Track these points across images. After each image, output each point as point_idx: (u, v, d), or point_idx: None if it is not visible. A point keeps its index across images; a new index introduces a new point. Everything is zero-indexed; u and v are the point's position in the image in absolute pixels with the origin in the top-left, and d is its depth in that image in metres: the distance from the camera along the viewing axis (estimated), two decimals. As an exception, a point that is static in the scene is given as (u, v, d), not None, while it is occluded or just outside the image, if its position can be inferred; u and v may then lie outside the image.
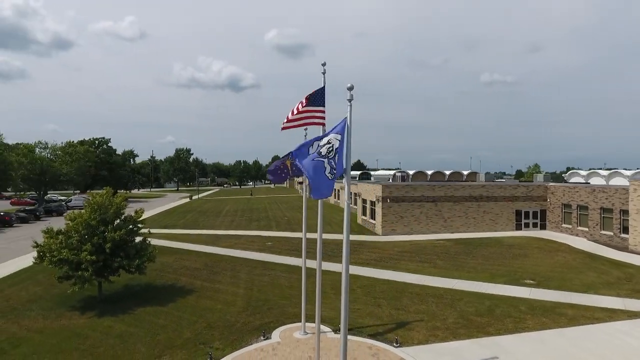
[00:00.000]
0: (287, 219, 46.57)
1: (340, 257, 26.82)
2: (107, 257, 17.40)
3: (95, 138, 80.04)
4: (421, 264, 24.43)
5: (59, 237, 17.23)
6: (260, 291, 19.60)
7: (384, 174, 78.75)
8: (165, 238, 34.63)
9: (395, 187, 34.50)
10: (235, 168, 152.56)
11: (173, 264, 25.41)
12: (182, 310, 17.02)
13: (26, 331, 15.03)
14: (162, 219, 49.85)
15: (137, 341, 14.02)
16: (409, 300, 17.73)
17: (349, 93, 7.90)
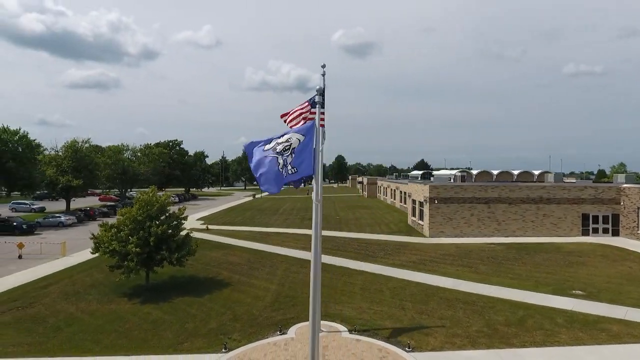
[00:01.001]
0: (338, 219, 46.91)
1: (379, 258, 26.78)
2: (151, 249, 19.12)
3: (170, 140, 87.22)
4: (462, 268, 23.37)
5: (111, 230, 19.28)
6: (290, 288, 20.18)
7: (446, 173, 75.75)
8: (220, 234, 36.75)
9: (444, 187, 33.18)
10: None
11: (220, 258, 27.01)
12: (214, 302, 18.15)
13: (80, 312, 17.09)
14: (223, 216, 52.85)
15: (167, 328, 15.30)
16: (436, 305, 17.16)
17: (319, 96, 8.03)
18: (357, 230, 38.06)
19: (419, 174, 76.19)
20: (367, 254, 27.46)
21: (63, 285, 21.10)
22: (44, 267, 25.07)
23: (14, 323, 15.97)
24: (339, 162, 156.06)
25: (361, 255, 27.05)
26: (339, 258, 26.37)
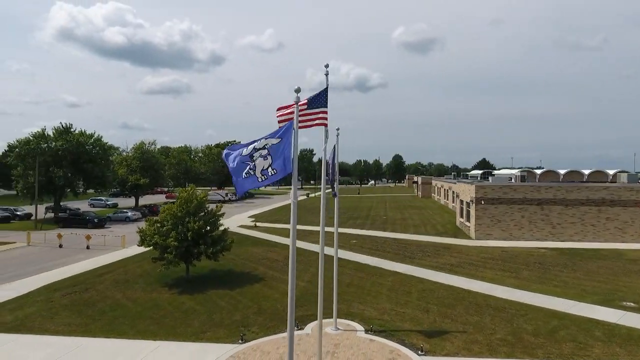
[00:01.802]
0: (385, 219, 46.34)
1: (416, 259, 26.19)
2: (189, 244, 20.46)
3: (229, 141, 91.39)
4: (502, 272, 22.13)
5: (154, 225, 20.92)
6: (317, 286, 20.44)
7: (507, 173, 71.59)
8: (266, 231, 38.07)
9: (491, 187, 31.47)
10: (355, 167, 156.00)
11: (260, 254, 28.04)
12: (243, 295, 19.00)
13: (125, 299, 18.77)
14: (274, 214, 54.51)
15: (196, 317, 16.33)
16: (463, 310, 16.50)
17: (296, 95, 8.24)
18: (402, 230, 37.36)
19: (479, 174, 72.70)
20: (405, 255, 26.95)
21: (116, 274, 23.23)
22: (105, 257, 27.74)
23: (69, 305, 17.97)
24: (396, 162, 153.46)
25: (398, 256, 26.62)
26: (376, 258, 26.18)
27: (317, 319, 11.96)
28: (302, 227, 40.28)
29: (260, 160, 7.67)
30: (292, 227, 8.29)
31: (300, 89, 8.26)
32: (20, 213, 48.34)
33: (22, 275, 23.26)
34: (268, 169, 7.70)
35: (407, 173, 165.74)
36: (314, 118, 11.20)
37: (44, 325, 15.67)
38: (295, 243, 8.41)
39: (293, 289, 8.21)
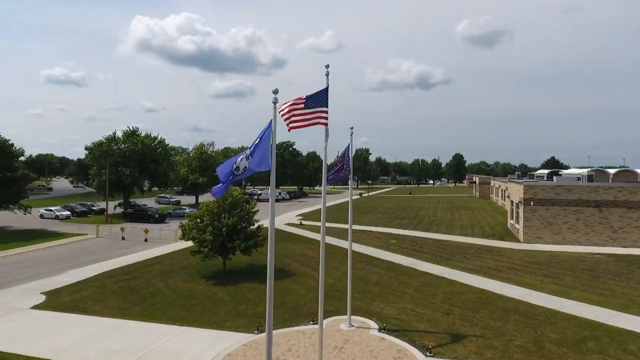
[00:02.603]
0: (432, 219, 45.08)
1: (453, 261, 25.59)
2: (224, 239, 21.70)
3: (283, 142, 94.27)
4: (542, 278, 20.77)
5: (194, 220, 22.45)
6: (344, 283, 20.66)
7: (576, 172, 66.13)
8: (309, 229, 38.85)
9: (541, 187, 29.39)
10: (413, 167, 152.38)
11: (297, 251, 28.81)
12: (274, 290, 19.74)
13: (166, 287, 20.41)
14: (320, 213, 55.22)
15: (222, 307, 17.37)
16: (488, 314, 15.85)
17: (274, 96, 8.62)
18: (446, 231, 36.19)
19: (544, 174, 67.86)
20: (443, 257, 26.20)
21: (163, 265, 25.22)
22: (158, 250, 30.15)
23: (118, 291, 19.94)
24: (456, 161, 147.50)
25: (435, 257, 25.96)
26: (411, 258, 25.78)
27: (319, 317, 12.27)
28: (343, 226, 40.53)
29: (243, 161, 8.20)
30: (270, 226, 8.72)
31: (277, 90, 8.67)
32: (95, 208, 53.77)
33: (86, 263, 26.07)
34: (246, 166, 8.20)
35: (469, 173, 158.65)
36: (312, 117, 11.41)
37: (94, 307, 17.58)
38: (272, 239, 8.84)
39: (271, 288, 8.64)
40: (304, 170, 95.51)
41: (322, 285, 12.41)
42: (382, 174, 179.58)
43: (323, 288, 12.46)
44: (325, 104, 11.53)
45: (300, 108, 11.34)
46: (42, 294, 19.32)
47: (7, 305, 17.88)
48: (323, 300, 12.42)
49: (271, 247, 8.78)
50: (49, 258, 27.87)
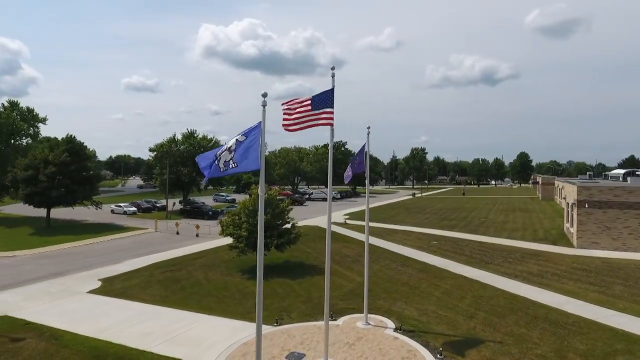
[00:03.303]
0: (482, 221, 43.16)
1: (492, 265, 24.67)
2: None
3: (337, 142, 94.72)
4: (587, 285, 19.29)
5: (232, 217, 23.75)
6: (374, 283, 20.71)
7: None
8: (352, 228, 39.10)
9: (598, 188, 27.01)
10: (473, 166, 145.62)
11: (335, 249, 29.08)
12: (300, 285, 20.43)
13: (204, 279, 21.85)
14: (371, 212, 55.06)
15: (250, 300, 18.27)
16: (514, 320, 15.18)
17: (263, 100, 9.10)
18: (494, 234, 34.56)
19: (621, 174, 61.88)
20: (482, 260, 25.21)
21: (207, 258, 26.90)
22: (206, 244, 32.12)
23: (162, 280, 21.71)
24: (521, 160, 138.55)
25: (474, 260, 25.04)
26: (448, 260, 25.12)
27: (324, 315, 12.62)
28: (391, 226, 40.23)
29: (225, 154, 8.81)
30: (259, 225, 9.25)
31: (267, 93, 9.17)
32: (158, 205, 58.22)
33: (141, 254, 28.53)
34: (229, 162, 8.78)
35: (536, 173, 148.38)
36: (318, 118, 11.76)
37: (138, 294, 19.37)
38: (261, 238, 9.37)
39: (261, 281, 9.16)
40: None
41: (327, 284, 12.75)
42: (440, 174, 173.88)
43: (329, 286, 12.79)
44: (331, 105, 11.81)
45: (307, 109, 11.77)
46: (99, 281, 21.60)
47: (69, 289, 20.26)
48: (329, 298, 12.75)
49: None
50: (113, 249, 30.89)
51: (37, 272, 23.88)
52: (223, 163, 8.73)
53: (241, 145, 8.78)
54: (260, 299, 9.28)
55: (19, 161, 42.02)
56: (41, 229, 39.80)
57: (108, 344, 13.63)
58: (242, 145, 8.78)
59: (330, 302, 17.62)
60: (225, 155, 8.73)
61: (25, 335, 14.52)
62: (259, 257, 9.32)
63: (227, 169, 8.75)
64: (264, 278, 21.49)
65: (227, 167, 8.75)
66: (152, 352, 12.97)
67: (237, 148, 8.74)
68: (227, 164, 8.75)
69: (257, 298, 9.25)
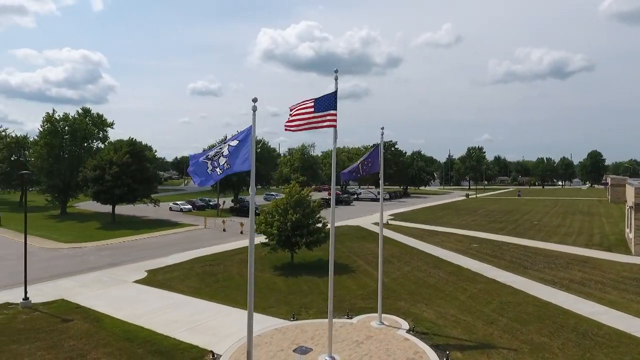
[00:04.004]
0: (534, 225, 40.66)
1: (531, 270, 23.67)
2: (289, 233, 23.51)
3: (386, 142, 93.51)
4: (633, 297, 17.74)
5: (264, 215, 24.74)
6: (399, 284, 20.68)
7: None
8: (393, 229, 38.71)
9: (660, 191, 24.45)
10: (537, 166, 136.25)
11: (369, 250, 29.26)
12: (326, 284, 20.53)
13: (238, 274, 22.98)
14: (416, 213, 54.07)
15: (275, 294, 19.09)
16: (536, 329, 14.47)
17: (253, 104, 9.61)
18: (543, 238, 32.53)
19: None
20: (522, 265, 23.98)
21: (245, 255, 28.10)
22: (246, 241, 33.63)
23: (200, 274, 23.20)
24: (592, 160, 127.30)
25: (513, 265, 23.90)
26: (484, 264, 24.23)
27: (328, 313, 12.93)
28: (434, 228, 39.31)
29: (221, 158, 9.48)
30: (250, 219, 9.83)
31: (257, 99, 9.71)
32: (212, 203, 61.51)
33: (188, 249, 30.52)
34: (224, 165, 9.44)
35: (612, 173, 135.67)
36: (321, 120, 12.13)
37: (177, 285, 20.92)
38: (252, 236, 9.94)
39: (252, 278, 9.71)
40: (408, 170, 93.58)
41: (331, 282, 13.04)
42: (501, 174, 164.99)
43: (332, 285, 13.08)
44: (334, 107, 12.12)
45: (310, 112, 12.19)
46: (146, 272, 23.58)
47: (119, 278, 22.38)
48: (332, 296, 13.03)
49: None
50: (164, 243, 33.36)
51: (97, 262, 26.55)
52: (220, 167, 9.43)
53: (234, 149, 9.43)
54: (251, 288, 9.85)
55: (88, 162, 46.61)
56: (107, 224, 43.88)
57: (139, 329, 15.02)
58: (235, 149, 9.43)
59: (350, 301, 18.04)
60: (221, 160, 9.42)
61: (74, 316, 16.41)
62: (250, 248, 9.89)
63: (222, 172, 9.44)
64: (293, 275, 22.39)
65: (223, 170, 9.44)
66: (174, 338, 14.12)
67: (231, 152, 9.40)
68: (222, 167, 9.45)
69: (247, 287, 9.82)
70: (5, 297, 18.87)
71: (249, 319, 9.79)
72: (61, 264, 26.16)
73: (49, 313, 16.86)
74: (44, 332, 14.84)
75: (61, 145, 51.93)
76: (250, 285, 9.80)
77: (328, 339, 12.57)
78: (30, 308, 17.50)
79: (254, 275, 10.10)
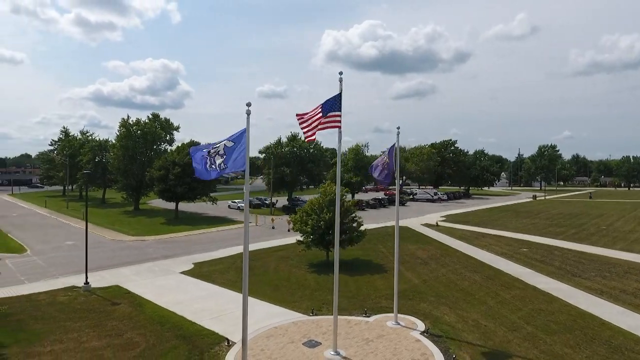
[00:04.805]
0: (601, 229, 37.12)
1: (580, 278, 22.45)
2: (323, 232, 24.07)
3: (445, 140, 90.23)
4: (692, 312, 15.79)
5: (300, 214, 25.55)
6: (429, 286, 20.33)
7: None
8: (441, 231, 37.68)
9: None
10: (622, 165, 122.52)
11: (409, 251, 28.85)
12: (355, 282, 21.14)
13: (273, 270, 24.01)
14: (470, 215, 51.79)
15: (302, 291, 19.76)
16: (562, 339, 13.62)
17: (247, 108, 10.24)
18: (604, 244, 29.74)
19: None
20: (571, 272, 22.30)
21: (286, 251, 29.26)
22: (292, 239, 34.67)
23: (240, 268, 23.99)
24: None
25: (560, 272, 22.32)
26: (527, 269, 22.96)
27: (333, 310, 13.26)
28: (485, 230, 37.62)
29: (217, 157, 10.30)
30: (245, 215, 10.51)
31: (250, 103, 10.37)
32: (267, 202, 64.03)
33: (235, 244, 32.32)
34: (221, 164, 10.24)
35: None
36: (328, 122, 12.57)
37: (216, 277, 22.45)
38: (247, 234, 10.60)
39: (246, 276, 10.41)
40: (469, 170, 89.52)
41: (336, 281, 13.36)
42: (580, 174, 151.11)
43: (337, 284, 13.39)
44: (338, 109, 12.53)
45: (319, 115, 12.66)
46: (193, 264, 25.52)
47: (168, 269, 24.49)
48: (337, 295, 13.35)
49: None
50: (216, 238, 35.63)
51: (153, 254, 29.19)
52: (217, 166, 10.28)
53: (229, 149, 10.22)
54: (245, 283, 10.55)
55: (154, 162, 50.98)
56: (171, 220, 47.67)
57: (173, 314, 16.53)
58: (229, 149, 10.22)
59: (374, 300, 18.19)
60: (217, 159, 10.27)
61: (122, 301, 18.44)
62: (245, 249, 10.60)
63: (219, 170, 10.28)
64: (325, 273, 22.93)
65: (220, 169, 10.27)
66: (200, 325, 15.37)
67: (226, 152, 10.21)
68: (219, 166, 10.28)
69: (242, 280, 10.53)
70: (73, 281, 21.62)
71: (243, 317, 10.50)
72: (124, 254, 29.14)
73: (103, 297, 19.08)
74: (94, 312, 16.90)
75: (134, 147, 57.35)
76: (244, 276, 10.50)
77: (333, 334, 12.96)
78: (89, 291, 19.93)
79: (289, 271, 10.79)
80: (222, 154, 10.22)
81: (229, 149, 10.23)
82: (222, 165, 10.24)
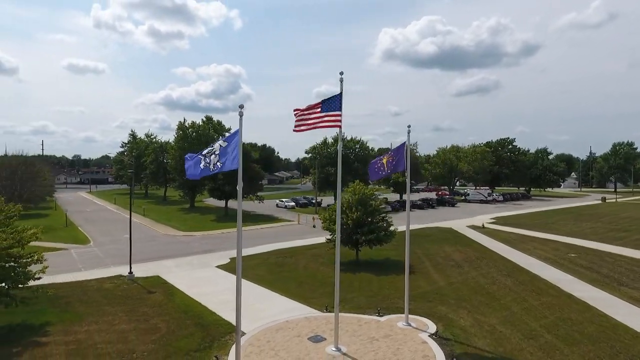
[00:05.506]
0: (672, 236, 33.31)
1: (622, 286, 21.22)
2: (351, 230, 24.25)
3: (502, 139, 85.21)
4: None
5: (330, 213, 25.89)
6: (454, 288, 19.79)
7: None
8: (485, 233, 36.15)
9: None
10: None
11: (444, 253, 28.09)
12: (379, 282, 21.12)
13: (302, 267, 24.59)
14: (521, 218, 48.80)
15: (323, 288, 20.08)
16: (582, 351, 12.74)
17: (240, 110, 10.76)
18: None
19: None
20: (617, 280, 20.52)
21: (319, 250, 29.70)
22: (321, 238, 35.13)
23: (271, 264, 25.48)
24: None
25: (605, 280, 20.62)
26: (569, 276, 21.51)
27: (334, 307, 13.44)
28: (532, 233, 35.48)
29: (213, 157, 10.99)
30: (238, 217, 11.09)
31: (243, 105, 10.92)
32: (313, 201, 65.05)
33: (274, 241, 33.32)
34: (217, 163, 10.91)
35: None
36: (327, 120, 12.81)
37: (247, 272, 23.32)
38: (240, 237, 11.18)
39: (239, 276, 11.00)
40: (530, 170, 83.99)
41: (337, 281, 13.56)
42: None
43: (338, 284, 13.58)
44: (339, 108, 12.76)
45: (317, 112, 12.98)
46: (229, 259, 26.87)
47: (205, 263, 26.04)
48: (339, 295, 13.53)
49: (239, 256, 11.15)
50: (258, 235, 37.04)
51: (197, 248, 31.10)
52: (213, 165, 11.00)
53: (223, 149, 10.89)
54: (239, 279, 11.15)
55: (206, 163, 54.04)
56: (220, 217, 50.24)
57: (197, 304, 17.70)
58: (224, 149, 10.89)
59: (392, 301, 18.14)
60: (213, 159, 10.98)
61: (157, 290, 20.03)
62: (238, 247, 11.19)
63: (215, 169, 11.00)
64: (352, 272, 23.23)
65: (215, 167, 10.98)
66: (219, 315, 16.34)
67: (220, 152, 10.90)
68: (215, 165, 10.99)
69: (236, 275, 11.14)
70: (121, 270, 23.77)
71: (237, 316, 11.12)
72: (171, 247, 31.37)
73: (142, 285, 20.84)
74: (131, 299, 18.57)
75: (190, 148, 61.11)
76: (238, 272, 11.11)
77: (334, 331, 13.21)
78: (132, 280, 21.86)
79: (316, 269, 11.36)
80: (217, 154, 10.92)
81: (224, 149, 10.91)
82: (219, 164, 10.95)
